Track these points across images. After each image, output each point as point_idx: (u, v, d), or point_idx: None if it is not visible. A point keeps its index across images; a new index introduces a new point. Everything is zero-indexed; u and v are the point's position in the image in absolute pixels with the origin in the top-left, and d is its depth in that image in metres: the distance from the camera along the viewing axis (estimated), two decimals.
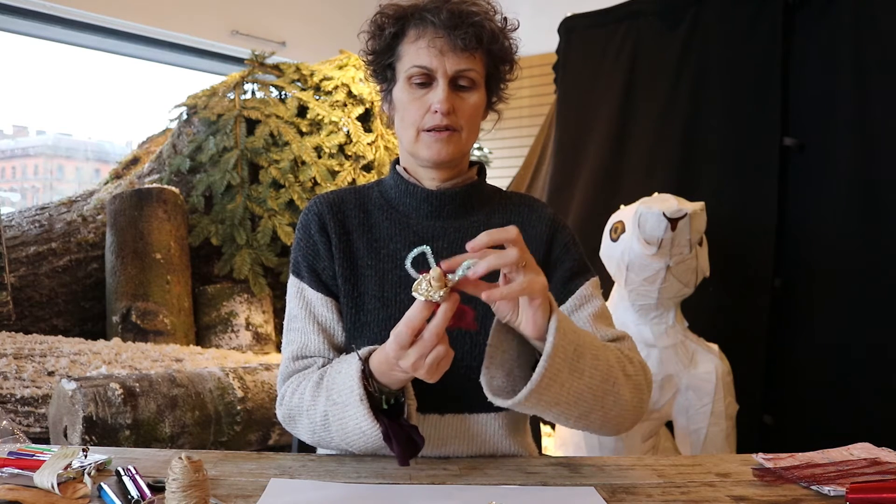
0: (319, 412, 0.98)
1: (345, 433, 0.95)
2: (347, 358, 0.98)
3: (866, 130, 2.23)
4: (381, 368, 0.92)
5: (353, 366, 0.94)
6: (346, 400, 0.93)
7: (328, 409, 0.96)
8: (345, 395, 0.93)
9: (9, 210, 3.23)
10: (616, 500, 0.88)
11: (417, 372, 0.86)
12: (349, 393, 0.93)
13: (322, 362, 1.06)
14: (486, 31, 1.04)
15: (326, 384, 0.98)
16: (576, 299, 1.10)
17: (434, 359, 0.85)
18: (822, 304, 2.30)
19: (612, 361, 0.96)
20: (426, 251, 0.84)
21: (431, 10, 1.04)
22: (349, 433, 0.94)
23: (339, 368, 0.97)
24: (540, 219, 1.15)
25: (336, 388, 0.95)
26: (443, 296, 0.83)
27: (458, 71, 1.04)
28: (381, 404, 0.94)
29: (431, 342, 0.84)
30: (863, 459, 1.03)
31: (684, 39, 2.67)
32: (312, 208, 1.12)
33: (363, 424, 0.92)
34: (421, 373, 0.86)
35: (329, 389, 0.97)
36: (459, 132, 1.07)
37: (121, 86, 3.96)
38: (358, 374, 0.92)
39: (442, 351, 0.85)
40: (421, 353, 0.84)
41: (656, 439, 2.27)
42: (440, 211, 1.11)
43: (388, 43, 1.08)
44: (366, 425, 0.91)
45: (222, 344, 2.86)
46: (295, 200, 3.00)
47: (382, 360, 0.91)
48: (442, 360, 0.85)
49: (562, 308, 1.10)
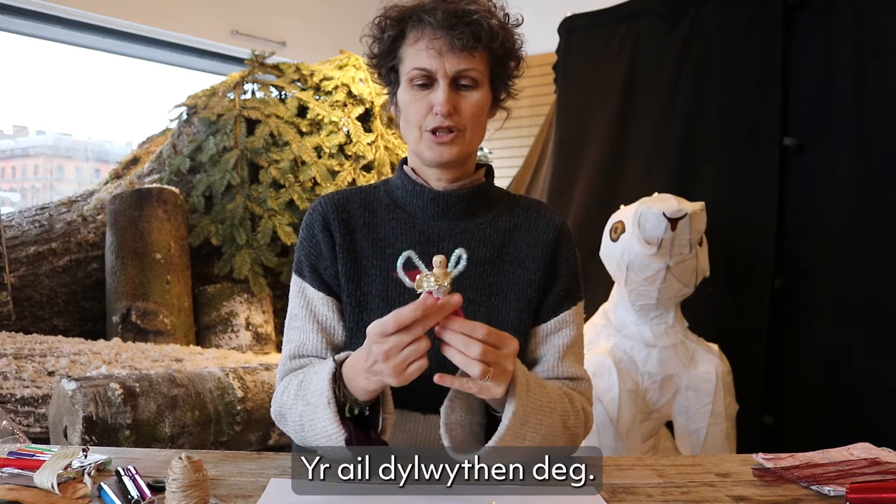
0: (298, 412, 0.99)
1: (316, 435, 0.96)
2: (327, 360, 0.99)
3: (866, 130, 2.23)
4: (350, 374, 0.93)
5: (326, 368, 0.95)
6: (316, 401, 0.94)
7: (303, 410, 0.97)
8: (316, 397, 0.95)
9: (9, 210, 3.23)
10: (616, 500, 0.88)
11: (388, 362, 0.86)
12: (319, 395, 0.94)
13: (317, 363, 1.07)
14: (485, 28, 1.03)
15: (304, 385, 0.99)
16: (557, 322, 1.12)
17: (409, 354, 0.85)
18: (821, 304, 2.30)
19: (556, 420, 0.99)
20: (411, 255, 0.86)
21: (429, 11, 1.03)
22: (318, 436, 0.95)
23: (316, 369, 0.99)
24: (547, 225, 1.14)
25: (311, 389, 0.97)
26: (447, 288, 0.84)
27: (459, 71, 1.04)
28: (345, 411, 0.95)
29: (415, 333, 0.85)
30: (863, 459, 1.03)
31: (684, 39, 2.67)
32: (317, 208, 1.13)
33: (329, 428, 0.93)
34: (391, 365, 0.86)
35: (305, 390, 0.98)
36: (463, 132, 1.06)
37: (121, 86, 3.96)
38: (329, 377, 0.93)
39: (419, 349, 0.85)
40: (399, 343, 0.85)
41: (656, 439, 2.27)
42: (447, 212, 1.11)
43: (390, 46, 1.08)
44: (331, 429, 0.92)
45: (222, 344, 2.86)
46: (295, 200, 3.00)
47: (352, 364, 0.92)
48: (414, 360, 0.86)
49: (541, 327, 1.12)
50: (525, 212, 1.15)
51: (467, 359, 0.86)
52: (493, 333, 0.88)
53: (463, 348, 0.86)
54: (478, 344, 0.86)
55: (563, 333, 1.11)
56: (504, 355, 0.89)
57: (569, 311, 1.12)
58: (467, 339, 0.86)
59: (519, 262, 1.11)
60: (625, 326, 2.21)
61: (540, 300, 1.11)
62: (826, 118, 2.32)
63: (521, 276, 1.10)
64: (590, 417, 1.09)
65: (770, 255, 2.37)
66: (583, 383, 1.12)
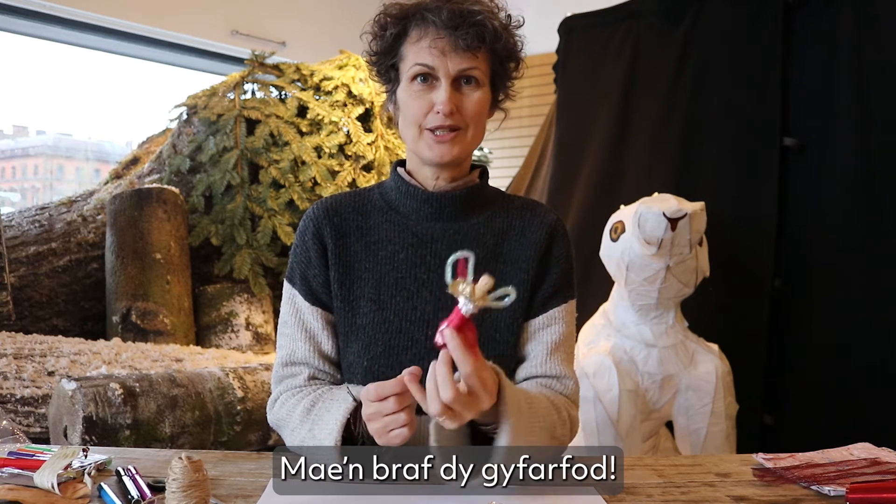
0: (300, 437, 1.01)
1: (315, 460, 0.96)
2: (341, 394, 1.00)
3: (866, 130, 2.23)
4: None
5: (341, 409, 0.97)
6: (323, 438, 0.96)
7: (305, 437, 1.00)
8: (324, 435, 0.96)
9: (9, 210, 3.23)
10: (616, 500, 0.88)
11: (371, 424, 0.90)
12: (328, 434, 0.96)
13: (308, 371, 1.09)
14: (489, 29, 1.03)
15: (313, 414, 1.01)
16: (546, 318, 1.11)
17: (388, 422, 0.88)
18: (822, 303, 2.30)
19: (545, 436, 0.99)
20: (469, 257, 0.84)
21: (433, 10, 1.03)
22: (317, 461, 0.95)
23: (328, 406, 1.00)
24: (541, 224, 1.13)
25: (320, 424, 0.99)
26: (473, 309, 0.84)
27: (461, 70, 1.04)
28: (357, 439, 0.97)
29: (391, 407, 0.88)
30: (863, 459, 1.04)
31: (684, 39, 2.67)
32: (309, 214, 1.13)
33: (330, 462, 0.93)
34: (373, 428, 0.89)
35: (314, 423, 1.00)
36: (464, 131, 1.06)
37: (121, 86, 3.96)
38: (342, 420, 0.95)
39: (397, 420, 0.88)
40: (379, 411, 0.88)
41: (656, 439, 2.27)
42: (440, 213, 1.10)
43: (391, 44, 1.08)
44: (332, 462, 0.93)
45: (222, 344, 2.86)
46: (295, 200, 3.00)
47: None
48: (394, 428, 0.88)
49: (530, 322, 1.11)
50: (519, 212, 1.15)
51: (435, 394, 0.86)
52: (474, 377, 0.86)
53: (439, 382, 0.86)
54: (450, 389, 0.85)
55: (551, 330, 1.11)
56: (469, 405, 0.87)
57: (559, 308, 1.12)
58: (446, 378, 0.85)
59: (513, 262, 1.11)
60: (625, 326, 2.21)
61: (531, 298, 1.11)
62: (826, 118, 2.32)
63: (515, 277, 1.10)
64: (575, 423, 1.09)
65: (770, 255, 2.37)
66: (568, 383, 1.11)
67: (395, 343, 1.06)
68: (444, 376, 0.85)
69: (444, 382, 0.85)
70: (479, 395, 0.87)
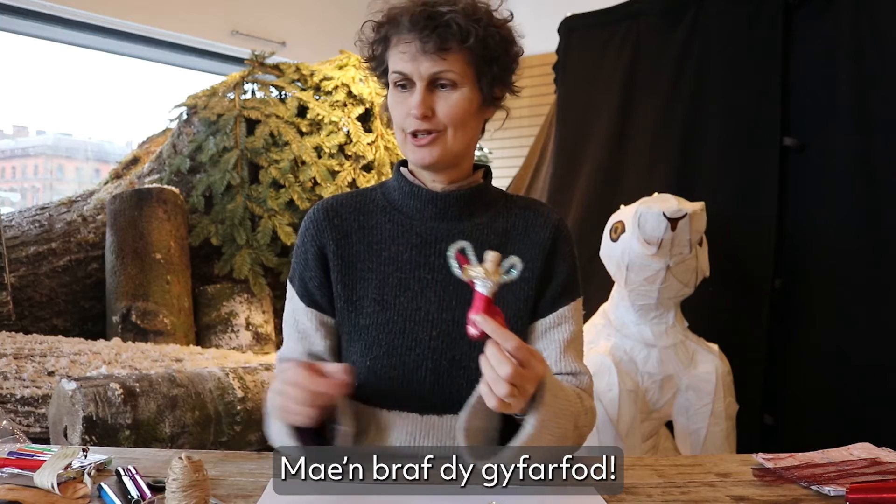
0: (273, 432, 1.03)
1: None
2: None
3: (866, 130, 2.23)
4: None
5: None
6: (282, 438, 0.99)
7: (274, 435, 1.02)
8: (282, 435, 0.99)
9: (9, 210, 3.24)
10: (616, 500, 0.88)
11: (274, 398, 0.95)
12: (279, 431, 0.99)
13: None
14: (454, 30, 1.01)
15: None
16: (555, 317, 1.11)
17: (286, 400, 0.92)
18: (822, 304, 2.30)
19: (570, 423, 1.00)
20: (466, 246, 0.90)
21: (404, 14, 1.03)
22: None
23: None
24: (544, 224, 1.13)
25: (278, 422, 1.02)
26: (492, 286, 0.88)
27: (433, 74, 1.03)
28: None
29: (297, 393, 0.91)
30: (863, 459, 1.04)
31: (684, 39, 2.67)
32: (310, 216, 1.13)
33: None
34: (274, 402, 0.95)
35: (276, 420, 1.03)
36: (443, 133, 1.04)
37: (121, 86, 3.96)
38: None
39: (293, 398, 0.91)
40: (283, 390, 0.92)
41: (656, 439, 2.27)
42: (444, 213, 1.10)
43: (377, 51, 1.09)
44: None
45: (222, 344, 2.86)
46: (295, 200, 3.00)
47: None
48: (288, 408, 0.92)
49: (540, 322, 1.12)
50: (522, 212, 1.14)
51: (496, 375, 0.87)
52: (523, 349, 0.88)
53: (495, 363, 0.87)
54: (509, 364, 0.86)
55: (562, 329, 1.11)
56: (528, 377, 0.88)
57: (567, 307, 1.12)
58: (500, 355, 0.86)
59: None
60: (625, 326, 2.21)
61: (537, 297, 1.11)
62: (826, 118, 2.32)
63: (519, 276, 1.10)
64: (594, 414, 1.10)
65: (770, 255, 2.37)
66: (584, 378, 1.12)
67: (398, 343, 1.06)
68: (496, 355, 0.87)
69: (499, 361, 0.86)
70: (532, 365, 0.88)
